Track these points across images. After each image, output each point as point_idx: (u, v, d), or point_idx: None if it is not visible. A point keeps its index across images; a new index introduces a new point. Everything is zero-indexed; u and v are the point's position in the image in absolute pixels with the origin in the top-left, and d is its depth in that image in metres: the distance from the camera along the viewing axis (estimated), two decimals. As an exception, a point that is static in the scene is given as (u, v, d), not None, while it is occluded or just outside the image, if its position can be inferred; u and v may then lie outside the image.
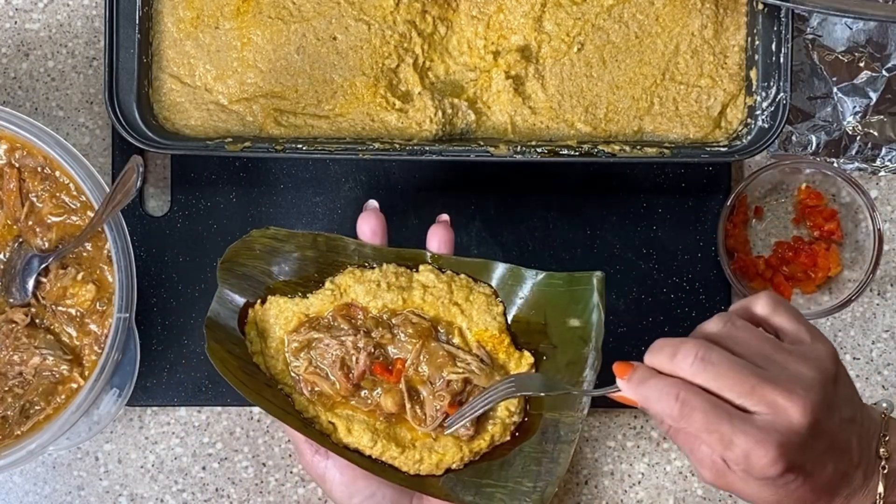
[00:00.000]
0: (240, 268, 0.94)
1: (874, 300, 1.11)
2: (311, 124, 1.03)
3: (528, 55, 1.04)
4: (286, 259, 0.95)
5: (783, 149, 1.09)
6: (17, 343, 0.97)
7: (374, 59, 1.03)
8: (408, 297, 0.95)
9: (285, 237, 0.95)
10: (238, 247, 0.94)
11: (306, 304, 0.95)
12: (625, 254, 1.09)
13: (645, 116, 1.04)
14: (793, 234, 1.10)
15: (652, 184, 1.09)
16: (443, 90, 1.04)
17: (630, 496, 1.10)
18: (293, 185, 1.09)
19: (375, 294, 0.94)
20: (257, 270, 0.95)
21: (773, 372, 0.79)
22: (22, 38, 1.10)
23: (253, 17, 1.03)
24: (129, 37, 1.01)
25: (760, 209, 1.10)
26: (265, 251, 0.95)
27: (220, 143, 1.00)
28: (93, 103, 1.10)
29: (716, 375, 0.78)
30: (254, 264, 0.94)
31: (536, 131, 1.04)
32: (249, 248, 0.94)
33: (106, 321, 0.97)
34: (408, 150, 1.00)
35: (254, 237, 0.94)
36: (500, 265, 0.97)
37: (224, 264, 0.93)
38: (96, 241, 0.98)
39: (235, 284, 0.94)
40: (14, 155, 0.98)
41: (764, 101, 1.02)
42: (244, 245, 0.94)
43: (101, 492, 1.09)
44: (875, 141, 1.09)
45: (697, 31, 1.04)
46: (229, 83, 1.03)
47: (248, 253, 0.94)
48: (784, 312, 0.83)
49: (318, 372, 0.93)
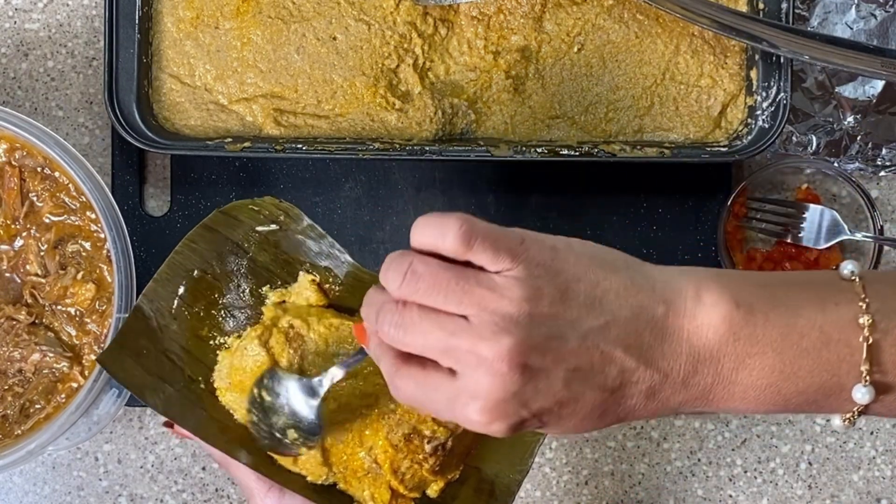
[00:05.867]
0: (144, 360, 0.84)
1: (874, 300, 1.11)
2: (311, 124, 1.03)
3: (528, 55, 1.04)
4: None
5: (783, 149, 1.09)
6: (17, 339, 0.97)
7: (374, 59, 1.03)
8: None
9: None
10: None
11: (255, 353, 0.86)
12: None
13: (645, 116, 1.04)
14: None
15: (652, 184, 1.09)
16: (443, 90, 1.04)
17: (630, 496, 1.10)
18: (293, 185, 1.09)
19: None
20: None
21: (465, 330, 0.66)
22: (21, 37, 1.10)
23: (253, 17, 1.03)
24: (128, 37, 1.01)
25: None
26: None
27: (219, 143, 1.00)
28: (92, 103, 1.10)
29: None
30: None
31: (536, 131, 1.04)
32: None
33: (105, 321, 0.97)
34: (408, 150, 1.00)
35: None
36: None
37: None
38: (96, 241, 0.98)
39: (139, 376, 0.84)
40: (14, 155, 0.98)
41: (764, 101, 1.02)
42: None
43: (101, 492, 1.09)
44: (875, 141, 1.09)
45: (697, 31, 1.04)
46: (229, 83, 1.03)
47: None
48: (480, 250, 0.67)
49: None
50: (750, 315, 0.68)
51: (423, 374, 0.68)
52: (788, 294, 0.70)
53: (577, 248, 0.69)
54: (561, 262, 0.68)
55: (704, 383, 0.69)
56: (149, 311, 0.86)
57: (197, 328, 0.87)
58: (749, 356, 0.68)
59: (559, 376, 0.67)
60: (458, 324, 0.66)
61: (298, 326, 0.85)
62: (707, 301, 0.68)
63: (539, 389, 0.67)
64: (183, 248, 0.87)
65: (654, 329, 0.68)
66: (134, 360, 0.84)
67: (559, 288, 0.67)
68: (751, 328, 0.68)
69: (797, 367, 0.69)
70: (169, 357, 0.85)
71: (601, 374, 0.67)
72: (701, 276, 0.70)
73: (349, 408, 0.84)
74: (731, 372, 0.68)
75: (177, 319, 0.86)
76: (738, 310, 0.68)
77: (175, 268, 0.87)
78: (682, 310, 0.68)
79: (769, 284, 0.70)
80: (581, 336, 0.67)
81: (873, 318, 0.69)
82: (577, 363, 0.67)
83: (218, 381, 0.86)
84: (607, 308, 0.67)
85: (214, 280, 0.87)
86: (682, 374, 0.68)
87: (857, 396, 0.69)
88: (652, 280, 0.69)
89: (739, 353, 0.68)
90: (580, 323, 0.67)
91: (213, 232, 0.87)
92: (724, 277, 0.70)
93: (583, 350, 0.67)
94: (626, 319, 0.67)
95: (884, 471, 1.10)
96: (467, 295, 0.66)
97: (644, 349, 0.68)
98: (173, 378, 0.85)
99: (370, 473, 0.84)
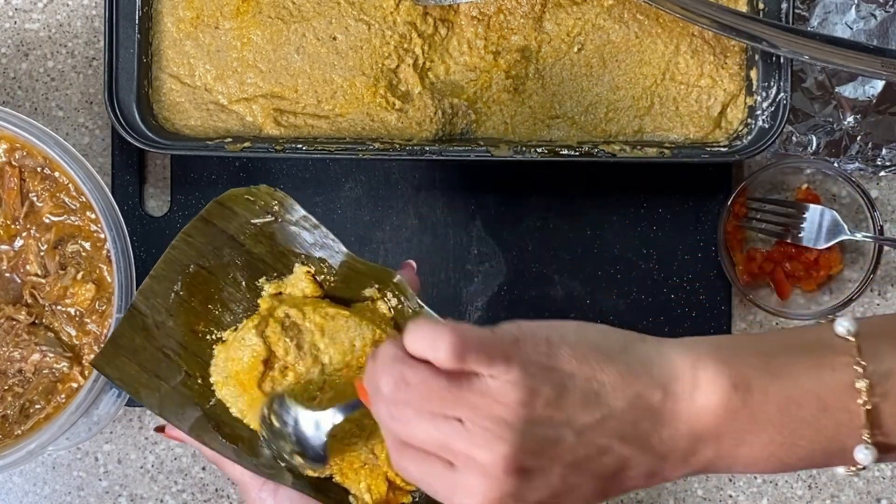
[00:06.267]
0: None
1: (874, 300, 1.11)
2: (311, 124, 1.03)
3: (528, 55, 1.04)
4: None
5: (783, 149, 1.09)
6: (17, 339, 0.97)
7: (374, 60, 1.03)
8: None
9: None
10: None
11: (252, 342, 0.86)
12: (625, 254, 1.09)
13: (645, 116, 1.04)
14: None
15: (652, 184, 1.09)
16: (443, 90, 1.04)
17: (630, 496, 1.10)
18: (293, 185, 1.09)
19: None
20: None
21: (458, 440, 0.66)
22: (21, 37, 1.10)
23: (253, 17, 1.03)
24: (128, 37, 1.01)
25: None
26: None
27: (219, 144, 1.00)
28: (92, 103, 1.10)
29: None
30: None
31: (536, 131, 1.04)
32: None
33: (105, 321, 0.97)
34: (408, 150, 1.00)
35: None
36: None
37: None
38: (95, 241, 0.98)
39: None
40: (14, 155, 0.98)
41: (764, 101, 1.02)
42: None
43: (101, 492, 1.09)
44: (875, 141, 1.09)
45: (697, 31, 1.04)
46: (229, 83, 1.03)
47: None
48: (474, 361, 0.66)
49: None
50: (748, 394, 0.68)
51: (425, 460, 0.68)
52: (785, 363, 0.69)
53: (570, 337, 0.68)
54: (555, 359, 0.67)
55: (706, 459, 0.69)
56: (145, 308, 0.86)
57: (193, 323, 0.87)
58: (749, 433, 0.68)
59: (556, 472, 0.67)
60: (452, 426, 0.66)
61: (294, 316, 0.85)
62: (704, 383, 0.68)
63: (535, 487, 0.67)
64: (180, 242, 0.87)
65: (651, 416, 0.67)
66: (129, 359, 0.84)
67: (554, 387, 0.66)
68: (749, 408, 0.68)
69: (797, 437, 0.68)
70: (165, 353, 0.85)
71: (599, 465, 0.67)
72: (699, 353, 0.69)
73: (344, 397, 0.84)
74: (732, 448, 0.68)
75: (173, 315, 0.86)
76: (736, 392, 0.68)
77: (171, 263, 0.86)
78: (679, 394, 0.68)
79: (766, 354, 0.70)
80: (577, 433, 0.67)
81: (870, 382, 0.68)
82: (574, 458, 0.67)
83: (215, 376, 0.86)
84: (603, 402, 0.67)
85: (210, 274, 0.87)
86: (681, 454, 0.68)
87: (860, 458, 0.69)
88: (648, 364, 0.68)
89: (738, 430, 0.68)
90: (576, 420, 0.66)
91: (209, 224, 0.87)
92: (721, 352, 0.69)
93: (580, 446, 0.67)
94: (622, 411, 0.67)
95: (884, 471, 1.10)
96: (460, 402, 0.66)
97: (642, 437, 0.67)
98: (169, 375, 0.85)
99: (367, 465, 0.84)
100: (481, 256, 1.09)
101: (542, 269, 1.09)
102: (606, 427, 0.67)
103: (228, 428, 0.85)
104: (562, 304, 1.09)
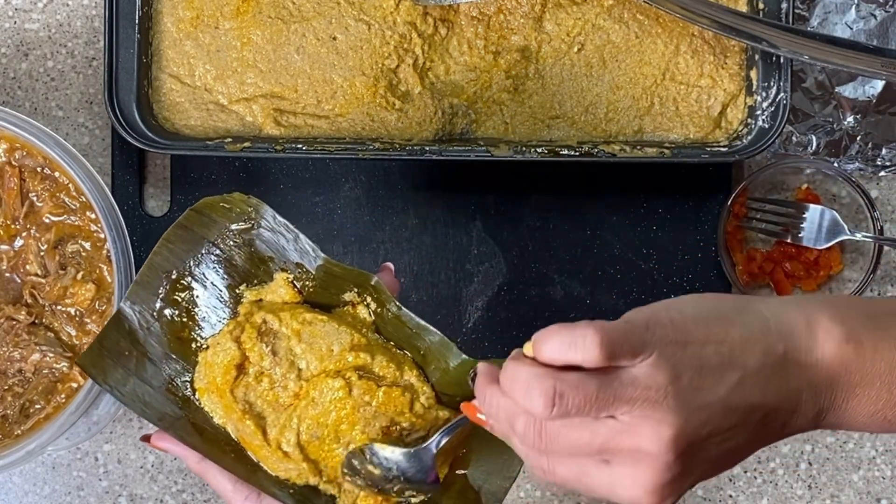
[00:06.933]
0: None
1: (874, 300, 1.11)
2: (311, 124, 1.03)
3: (528, 55, 1.04)
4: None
5: (783, 149, 1.09)
6: (17, 339, 0.97)
7: (374, 59, 1.03)
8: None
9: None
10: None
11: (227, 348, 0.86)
12: (625, 254, 1.09)
13: (645, 116, 1.04)
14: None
15: (652, 184, 1.09)
16: (443, 90, 1.04)
17: (630, 496, 1.09)
18: (293, 185, 1.09)
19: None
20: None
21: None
22: (21, 37, 1.10)
23: (253, 17, 1.03)
24: (128, 37, 1.01)
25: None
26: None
27: (219, 144, 1.00)
28: (92, 103, 1.10)
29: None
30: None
31: (536, 131, 1.04)
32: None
33: (105, 321, 0.97)
34: (408, 150, 1.00)
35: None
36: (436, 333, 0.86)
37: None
38: (96, 241, 0.98)
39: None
40: (14, 155, 0.98)
41: (764, 101, 1.02)
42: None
43: (101, 492, 1.09)
44: (875, 141, 1.09)
45: (697, 31, 1.04)
46: (229, 83, 1.03)
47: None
48: (622, 354, 0.67)
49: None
50: (860, 347, 0.70)
51: (577, 463, 0.69)
52: (893, 324, 0.72)
53: (689, 311, 0.70)
54: (684, 333, 0.69)
55: (819, 410, 0.71)
56: (130, 313, 0.86)
57: (178, 330, 0.87)
58: (859, 386, 0.71)
59: (714, 442, 0.69)
60: (608, 426, 0.67)
61: (271, 321, 0.85)
62: (820, 336, 0.70)
63: (698, 462, 0.68)
64: (161, 248, 0.86)
65: (780, 369, 0.70)
66: (114, 362, 0.84)
67: (692, 359, 0.68)
68: (861, 360, 0.70)
69: None
70: (150, 359, 0.85)
71: (748, 424, 0.70)
72: (812, 309, 0.72)
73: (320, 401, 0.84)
74: (843, 401, 0.71)
75: (159, 321, 0.86)
76: (849, 344, 0.70)
77: (154, 269, 0.86)
78: (798, 346, 0.70)
79: (875, 315, 0.72)
80: (724, 398, 0.68)
81: None
82: (727, 424, 0.69)
83: (197, 383, 0.86)
84: (737, 363, 0.69)
85: (193, 280, 0.87)
86: (803, 406, 0.71)
87: None
88: (765, 320, 0.71)
89: (850, 383, 0.71)
90: (720, 386, 0.68)
91: (188, 231, 0.87)
92: (832, 308, 0.72)
93: (729, 411, 0.69)
94: (755, 368, 0.69)
95: (884, 471, 1.10)
96: (617, 399, 0.67)
97: (777, 390, 0.70)
98: (154, 380, 0.85)
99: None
100: (481, 256, 1.09)
101: (542, 269, 1.09)
102: (745, 386, 0.69)
103: (210, 435, 0.85)
104: (562, 304, 1.09)
